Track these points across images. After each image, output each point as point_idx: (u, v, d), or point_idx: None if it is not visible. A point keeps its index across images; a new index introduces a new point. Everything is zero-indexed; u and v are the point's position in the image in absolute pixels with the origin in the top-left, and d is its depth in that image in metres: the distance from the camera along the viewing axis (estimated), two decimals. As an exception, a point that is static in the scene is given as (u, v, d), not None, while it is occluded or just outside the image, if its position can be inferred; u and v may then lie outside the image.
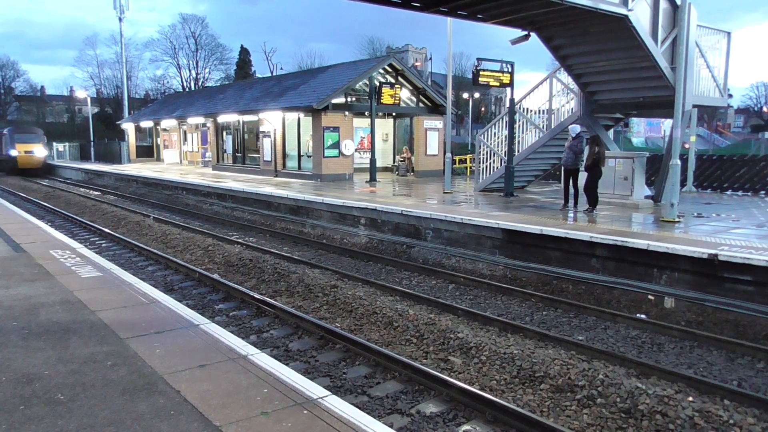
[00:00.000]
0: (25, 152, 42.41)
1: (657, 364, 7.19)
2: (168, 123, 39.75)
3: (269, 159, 27.86)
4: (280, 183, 23.94)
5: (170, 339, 5.51)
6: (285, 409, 4.10)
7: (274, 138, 27.28)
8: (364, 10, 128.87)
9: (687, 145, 18.85)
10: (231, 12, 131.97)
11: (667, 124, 41.26)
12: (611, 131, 20.03)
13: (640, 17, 13.85)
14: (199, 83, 77.14)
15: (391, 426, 5.46)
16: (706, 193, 20.59)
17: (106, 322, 5.97)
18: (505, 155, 18.79)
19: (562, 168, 15.71)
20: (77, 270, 8.37)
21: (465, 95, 72.63)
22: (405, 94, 27.22)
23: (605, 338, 8.47)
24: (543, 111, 19.09)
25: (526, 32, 15.33)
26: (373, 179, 23.86)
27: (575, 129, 15.08)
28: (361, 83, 25.58)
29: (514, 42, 15.74)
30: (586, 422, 5.74)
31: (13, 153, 42.09)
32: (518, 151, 18.97)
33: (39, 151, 43.33)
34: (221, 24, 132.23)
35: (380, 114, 26.85)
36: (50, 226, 14.43)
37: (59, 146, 53.23)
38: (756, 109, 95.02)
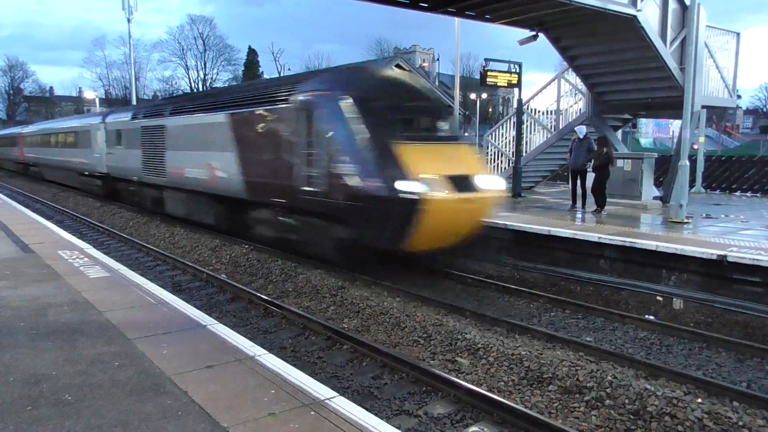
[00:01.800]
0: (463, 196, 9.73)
1: (666, 366, 7.14)
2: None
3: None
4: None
5: (178, 339, 5.52)
6: (292, 410, 4.09)
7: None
8: (370, 12, 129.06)
9: (696, 146, 18.74)
10: (237, 13, 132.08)
11: (675, 124, 41.09)
12: (619, 132, 19.98)
13: (648, 18, 13.79)
14: (207, 84, 77.40)
15: (398, 427, 5.43)
16: (715, 194, 20.48)
17: (114, 322, 5.98)
18: (512, 156, 18.75)
19: (570, 169, 15.66)
20: (85, 270, 8.39)
21: (472, 96, 72.38)
22: (412, 95, 27.11)
23: (614, 339, 8.41)
24: (551, 112, 19.04)
25: (534, 33, 15.29)
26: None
27: (582, 130, 15.03)
28: (368, 84, 25.42)
29: (522, 42, 15.70)
30: (595, 424, 5.70)
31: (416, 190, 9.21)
32: (526, 152, 18.93)
33: (491, 184, 10.59)
34: (228, 25, 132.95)
35: (387, 115, 26.76)
36: (59, 226, 14.48)
37: None
38: (764, 110, 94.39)
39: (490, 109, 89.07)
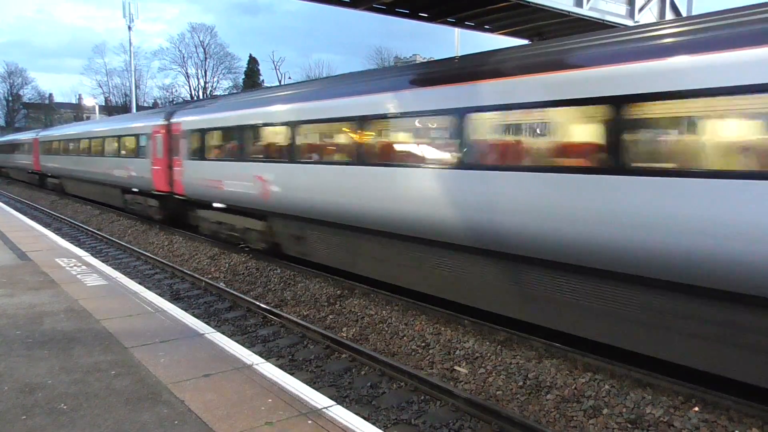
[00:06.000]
0: None
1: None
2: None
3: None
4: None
5: (175, 348, 5.49)
6: (289, 419, 4.07)
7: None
8: (367, 22, 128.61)
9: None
10: (234, 23, 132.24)
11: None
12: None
13: (646, 27, 13.83)
14: (208, 92, 77.51)
15: (396, 437, 5.42)
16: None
17: (111, 331, 5.95)
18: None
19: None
20: (83, 278, 8.37)
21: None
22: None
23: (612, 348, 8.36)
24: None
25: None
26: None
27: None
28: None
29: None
30: (594, 434, 5.67)
31: None
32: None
33: None
34: (227, 35, 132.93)
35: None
36: (56, 233, 14.46)
37: None
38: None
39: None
